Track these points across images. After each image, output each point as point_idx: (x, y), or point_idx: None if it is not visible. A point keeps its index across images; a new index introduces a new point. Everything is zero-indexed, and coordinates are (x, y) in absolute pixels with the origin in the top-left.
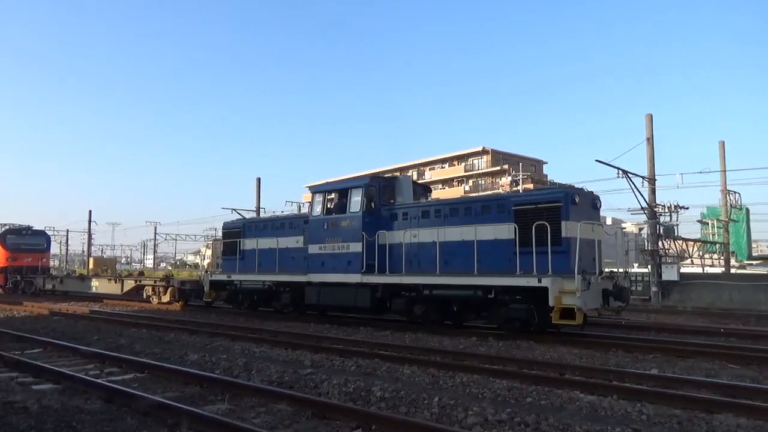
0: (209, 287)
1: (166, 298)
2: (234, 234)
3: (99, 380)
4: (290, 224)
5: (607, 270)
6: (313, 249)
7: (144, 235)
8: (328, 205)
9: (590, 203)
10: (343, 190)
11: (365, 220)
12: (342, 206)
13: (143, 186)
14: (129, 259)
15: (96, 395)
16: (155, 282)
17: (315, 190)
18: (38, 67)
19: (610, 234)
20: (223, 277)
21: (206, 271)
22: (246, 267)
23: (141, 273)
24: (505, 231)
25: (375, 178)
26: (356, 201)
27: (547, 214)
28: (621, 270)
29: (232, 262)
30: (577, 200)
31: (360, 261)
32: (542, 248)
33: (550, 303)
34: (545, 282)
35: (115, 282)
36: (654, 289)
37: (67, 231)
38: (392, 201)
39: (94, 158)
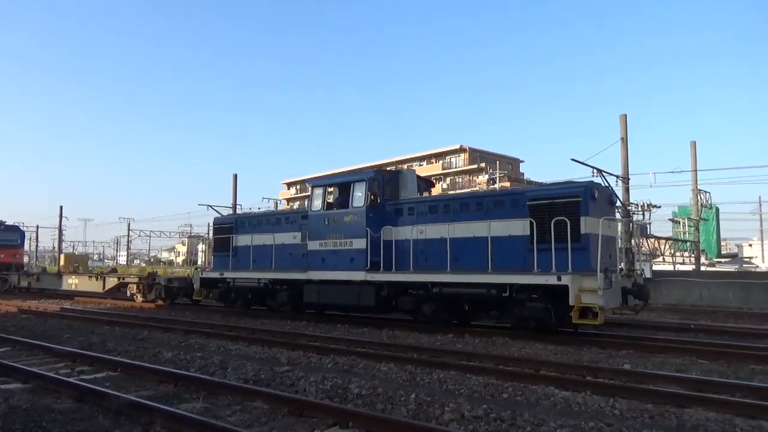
0: (200, 285)
1: (151, 296)
2: (226, 230)
3: (70, 379)
4: (287, 219)
5: (625, 267)
6: (313, 245)
7: (117, 232)
8: (329, 200)
9: (607, 198)
10: (344, 183)
11: (369, 215)
12: (344, 201)
13: (116, 182)
14: (101, 256)
15: (67, 394)
16: (140, 279)
17: (314, 183)
18: (4, 56)
19: (629, 231)
20: (215, 275)
21: (196, 268)
22: (239, 264)
23: (114, 270)
24: (519, 227)
25: (379, 171)
26: (359, 195)
27: (565, 209)
28: (638, 268)
29: (223, 258)
30: (596, 195)
31: (364, 258)
32: (560, 245)
33: (570, 302)
34: (565, 280)
35: (97, 279)
36: None
37: (37, 227)
38: (395, 195)
39: (65, 153)
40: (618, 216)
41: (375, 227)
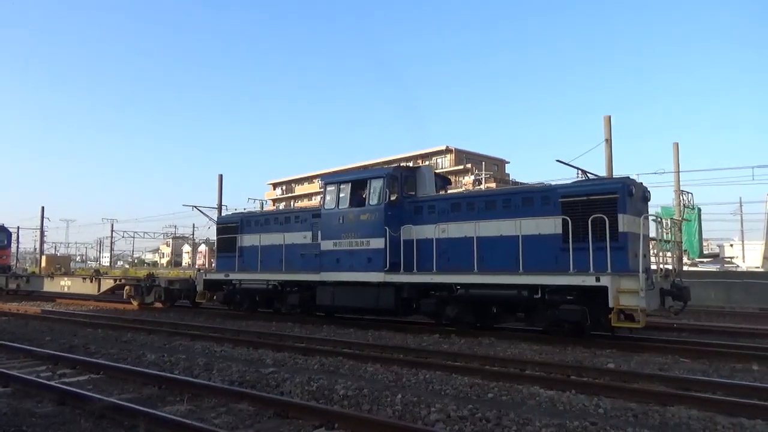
0: (203, 287)
1: (149, 299)
2: (230, 229)
3: (51, 382)
4: (296, 218)
5: (662, 268)
6: (326, 245)
7: (100, 233)
8: (342, 198)
9: (641, 196)
10: (360, 180)
11: (388, 214)
12: (359, 198)
13: (99, 182)
14: (84, 257)
15: (48, 398)
16: (138, 281)
17: (327, 180)
18: None
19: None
20: (221, 276)
21: (199, 270)
22: (246, 265)
23: (97, 271)
24: (551, 225)
25: (397, 167)
26: (377, 193)
27: (601, 206)
28: (674, 267)
29: (228, 259)
30: (633, 191)
31: (382, 258)
32: (596, 244)
33: (610, 304)
34: (604, 281)
35: (91, 281)
36: None
37: (18, 228)
38: (412, 193)
39: (47, 152)
40: (652, 213)
41: (394, 226)
